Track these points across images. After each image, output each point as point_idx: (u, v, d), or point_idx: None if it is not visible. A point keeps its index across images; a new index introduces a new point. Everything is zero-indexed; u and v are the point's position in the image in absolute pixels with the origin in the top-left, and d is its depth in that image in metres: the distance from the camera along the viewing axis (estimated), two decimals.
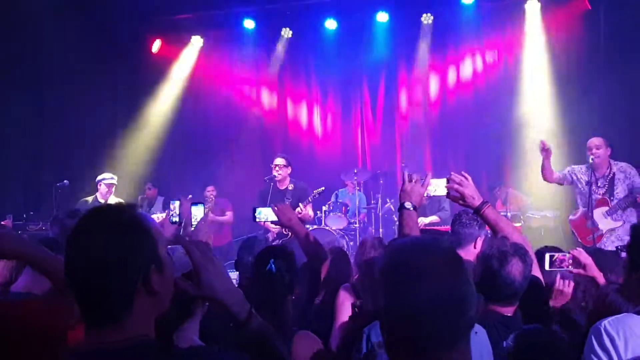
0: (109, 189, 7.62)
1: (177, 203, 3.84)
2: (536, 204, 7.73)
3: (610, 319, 1.94)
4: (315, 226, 7.86)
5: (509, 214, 7.41)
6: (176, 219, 3.81)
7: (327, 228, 7.97)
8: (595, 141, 5.89)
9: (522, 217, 7.50)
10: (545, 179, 6.17)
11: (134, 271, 1.31)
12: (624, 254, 2.17)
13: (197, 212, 3.51)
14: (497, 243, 2.60)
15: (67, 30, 8.32)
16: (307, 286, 3.37)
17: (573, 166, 6.18)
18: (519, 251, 2.57)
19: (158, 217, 7.75)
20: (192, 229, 3.39)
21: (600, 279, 2.66)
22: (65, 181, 7.82)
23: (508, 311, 2.58)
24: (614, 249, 5.34)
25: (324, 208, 8.29)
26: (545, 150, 6.00)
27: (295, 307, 2.84)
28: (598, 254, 3.24)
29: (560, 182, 6.17)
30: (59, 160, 8.97)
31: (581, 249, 2.75)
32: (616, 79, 8.17)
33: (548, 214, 7.48)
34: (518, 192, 8.30)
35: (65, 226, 4.20)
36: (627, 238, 5.30)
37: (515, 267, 2.54)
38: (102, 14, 8.82)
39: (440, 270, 1.22)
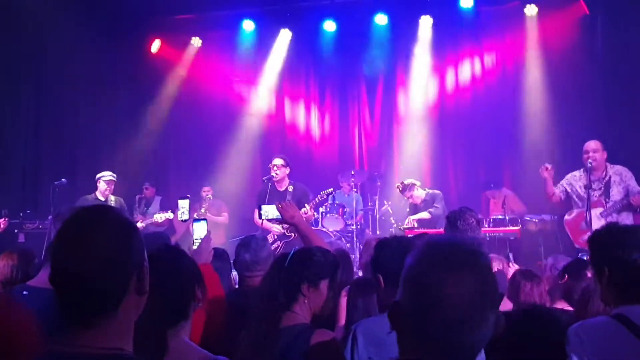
0: (109, 186, 7.63)
1: (186, 201, 3.82)
2: (534, 208, 7.75)
3: (582, 322, 2.01)
4: (312, 227, 7.86)
5: (506, 218, 7.42)
6: (186, 216, 3.79)
7: (324, 229, 7.98)
8: (592, 145, 5.96)
9: (519, 221, 7.50)
10: (549, 197, 6.33)
11: (130, 270, 1.32)
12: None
13: (200, 230, 3.27)
14: None
15: (68, 29, 8.34)
16: None
17: (567, 176, 6.28)
18: None
19: (161, 217, 7.77)
20: (195, 247, 3.16)
21: None
22: (63, 179, 7.78)
23: None
24: None
25: (321, 209, 8.29)
26: (547, 171, 6.10)
27: None
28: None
29: (559, 199, 6.27)
30: (57, 158, 8.95)
31: None
32: (613, 83, 8.23)
33: (545, 217, 7.49)
34: (515, 195, 8.32)
35: None
36: None
37: None
38: (102, 13, 8.83)
39: (462, 297, 1.16)
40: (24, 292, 2.95)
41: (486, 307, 1.18)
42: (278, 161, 6.88)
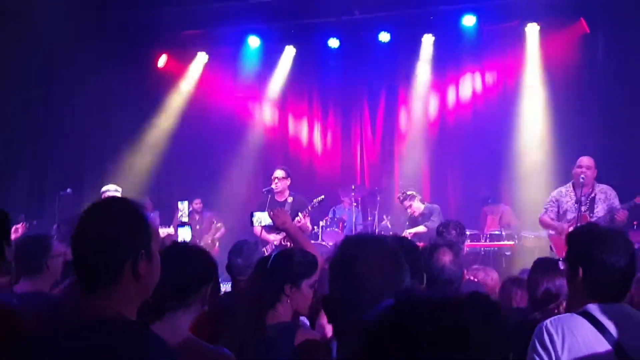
0: None
1: (185, 203, 3.92)
2: (530, 224, 7.79)
3: (551, 318, 2.07)
4: (312, 241, 7.92)
5: (503, 233, 7.47)
6: (185, 218, 3.88)
7: (324, 243, 8.05)
8: (585, 161, 6.03)
9: (516, 237, 7.56)
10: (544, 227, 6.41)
11: (124, 252, 1.48)
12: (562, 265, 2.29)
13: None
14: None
15: (76, 43, 8.51)
16: None
17: (553, 193, 6.31)
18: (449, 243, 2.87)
19: (164, 232, 7.84)
20: None
21: None
22: (68, 190, 7.89)
23: None
24: None
25: (321, 223, 8.36)
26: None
27: None
28: None
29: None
30: (63, 168, 9.07)
31: None
32: (613, 101, 8.28)
33: (542, 234, 7.52)
34: (512, 211, 8.38)
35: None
36: None
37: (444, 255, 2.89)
38: (110, 27, 9.01)
39: (378, 264, 1.37)
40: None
41: (396, 272, 1.41)
42: (279, 173, 6.98)
